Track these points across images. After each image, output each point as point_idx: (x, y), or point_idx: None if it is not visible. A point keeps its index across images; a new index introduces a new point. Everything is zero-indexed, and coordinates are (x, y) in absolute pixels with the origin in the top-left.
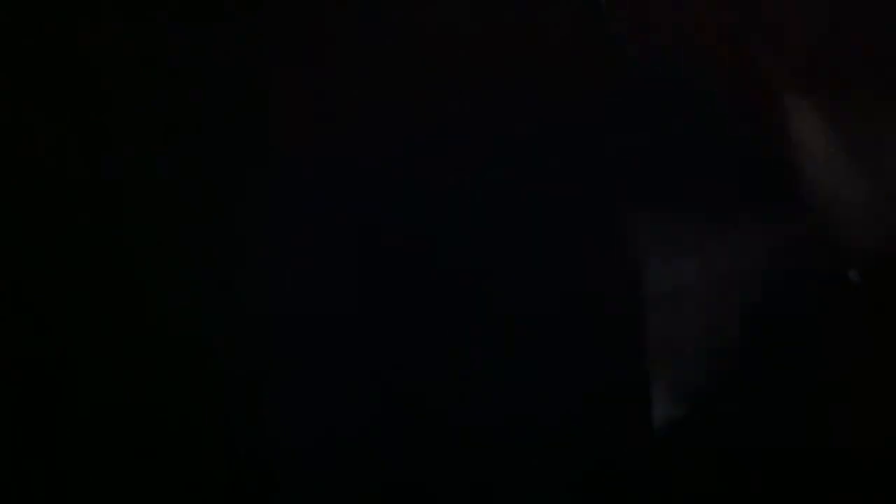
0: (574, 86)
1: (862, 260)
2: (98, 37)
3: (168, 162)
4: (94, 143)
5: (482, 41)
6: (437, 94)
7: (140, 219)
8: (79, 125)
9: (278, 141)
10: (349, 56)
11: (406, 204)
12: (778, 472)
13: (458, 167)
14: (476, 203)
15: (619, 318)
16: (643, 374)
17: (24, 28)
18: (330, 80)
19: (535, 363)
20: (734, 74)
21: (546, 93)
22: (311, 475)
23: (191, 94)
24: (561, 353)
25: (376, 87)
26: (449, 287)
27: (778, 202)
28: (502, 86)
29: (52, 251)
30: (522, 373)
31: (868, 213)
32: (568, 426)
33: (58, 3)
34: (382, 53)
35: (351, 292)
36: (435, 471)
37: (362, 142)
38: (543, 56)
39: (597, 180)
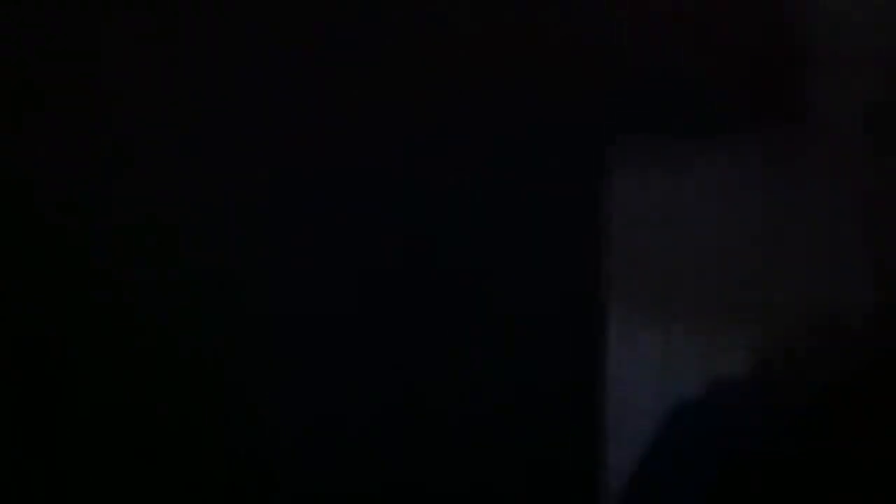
0: (574, 86)
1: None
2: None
3: (167, 161)
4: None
5: (482, 41)
6: (437, 94)
7: (139, 219)
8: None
9: (278, 141)
10: (349, 56)
11: (406, 204)
12: (778, 473)
13: (458, 167)
14: (476, 203)
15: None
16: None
17: (23, 28)
18: (330, 79)
19: (535, 363)
20: (735, 73)
21: (546, 93)
22: (311, 475)
23: (191, 93)
24: (561, 353)
25: (376, 87)
26: (449, 287)
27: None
28: (502, 86)
29: (52, 251)
30: (522, 373)
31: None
32: (568, 426)
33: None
34: (382, 53)
35: (351, 292)
36: (435, 471)
37: (362, 142)
38: (543, 56)
39: (597, 180)
